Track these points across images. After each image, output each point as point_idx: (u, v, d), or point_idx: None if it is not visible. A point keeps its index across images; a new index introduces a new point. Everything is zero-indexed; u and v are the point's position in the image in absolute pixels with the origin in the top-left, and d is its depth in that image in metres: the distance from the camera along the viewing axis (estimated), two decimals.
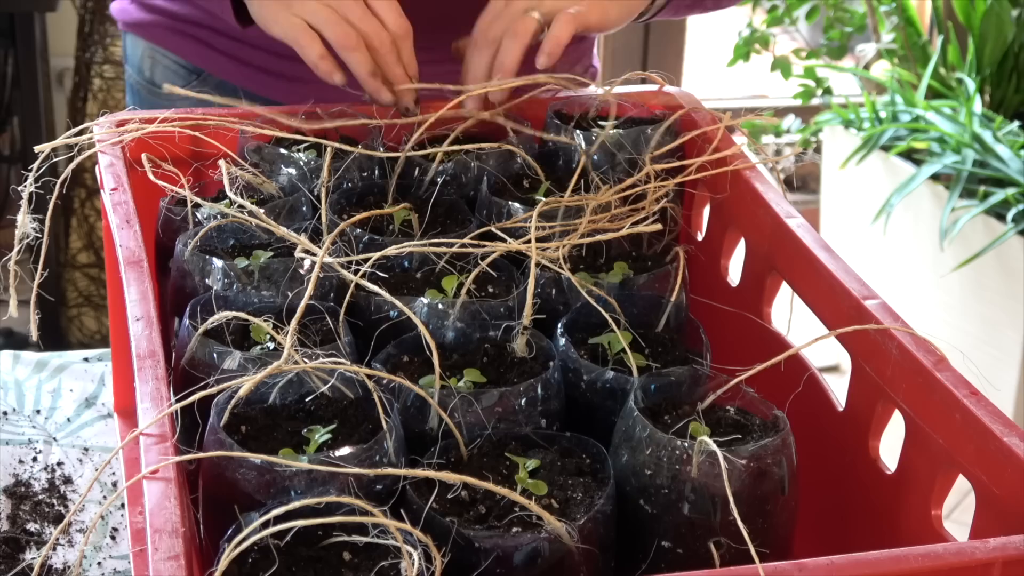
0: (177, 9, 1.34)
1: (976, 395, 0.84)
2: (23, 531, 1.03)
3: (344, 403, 0.86)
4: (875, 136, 2.84)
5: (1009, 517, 0.79)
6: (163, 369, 0.85)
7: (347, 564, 0.75)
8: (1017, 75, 2.94)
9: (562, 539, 0.77)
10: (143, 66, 1.39)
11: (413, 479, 0.79)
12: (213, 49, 1.33)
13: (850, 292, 0.94)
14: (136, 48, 1.40)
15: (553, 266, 0.97)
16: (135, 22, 1.38)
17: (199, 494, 0.83)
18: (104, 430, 1.17)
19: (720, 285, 1.14)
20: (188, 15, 1.33)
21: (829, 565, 0.72)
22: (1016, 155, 2.65)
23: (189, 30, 1.34)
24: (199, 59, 1.34)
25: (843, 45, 3.22)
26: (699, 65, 3.76)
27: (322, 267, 0.94)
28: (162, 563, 0.69)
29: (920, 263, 2.81)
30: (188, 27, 1.34)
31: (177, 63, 1.36)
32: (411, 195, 1.10)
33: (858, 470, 0.93)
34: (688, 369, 0.91)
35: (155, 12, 1.36)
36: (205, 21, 1.32)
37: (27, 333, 1.30)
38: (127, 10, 1.39)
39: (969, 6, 2.93)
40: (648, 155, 1.09)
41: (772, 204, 1.06)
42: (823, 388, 0.98)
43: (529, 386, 0.88)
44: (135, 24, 1.38)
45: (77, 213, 2.80)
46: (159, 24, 1.36)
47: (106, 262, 1.12)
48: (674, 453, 0.82)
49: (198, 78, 1.35)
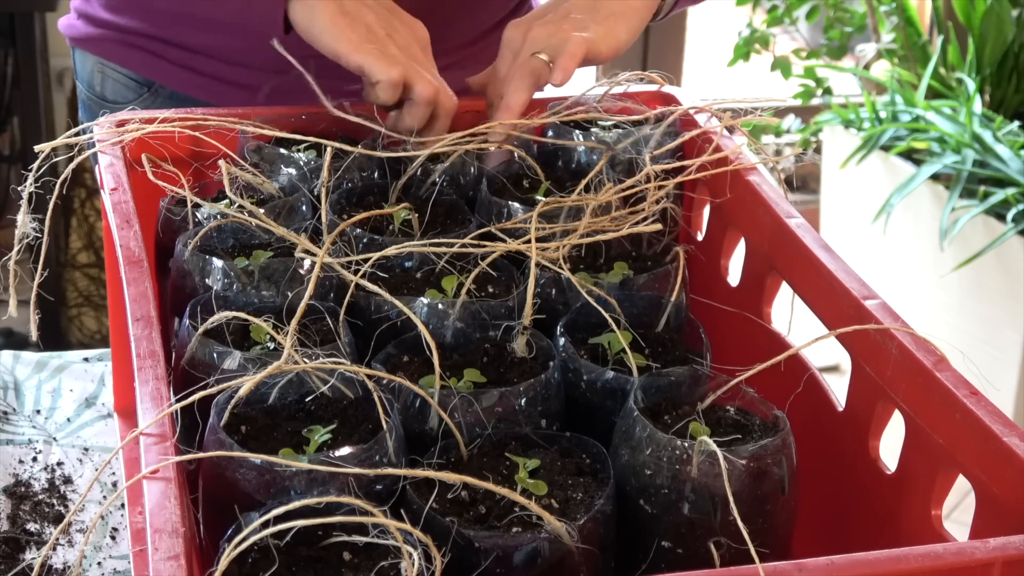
0: (126, 23, 1.32)
1: (976, 395, 0.84)
2: (23, 531, 1.03)
3: (344, 403, 0.86)
4: (875, 136, 2.84)
5: (1009, 517, 0.79)
6: (163, 369, 0.85)
7: (347, 564, 0.75)
8: (1017, 75, 2.94)
9: (562, 539, 0.77)
10: (93, 81, 1.37)
11: (413, 479, 0.79)
12: (165, 60, 1.31)
13: (850, 292, 0.94)
14: (85, 64, 1.38)
15: (553, 266, 0.97)
16: (83, 37, 1.36)
17: (199, 494, 0.83)
18: (104, 430, 1.17)
19: (720, 285, 1.14)
20: (137, 28, 1.31)
21: (829, 565, 0.72)
22: (1016, 155, 2.65)
23: (139, 42, 1.32)
24: (150, 71, 1.33)
25: (843, 45, 3.22)
26: (699, 65, 3.76)
27: (322, 267, 0.94)
28: (162, 563, 0.69)
29: (920, 263, 2.81)
30: (138, 39, 1.32)
31: (127, 76, 1.34)
32: (411, 195, 1.11)
33: (858, 470, 0.93)
34: (688, 369, 0.91)
35: (103, 26, 1.33)
36: (155, 33, 1.30)
37: (27, 333, 1.30)
38: (75, 26, 1.37)
39: (969, 6, 2.93)
40: (648, 155, 1.09)
41: (772, 204, 1.06)
42: (823, 388, 0.98)
43: (529, 386, 0.88)
44: (83, 39, 1.36)
45: (77, 213, 2.80)
46: (107, 38, 1.34)
47: (106, 262, 1.12)
48: (674, 453, 0.82)
49: (149, 90, 1.34)
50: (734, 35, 3.21)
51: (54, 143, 1.06)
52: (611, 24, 1.16)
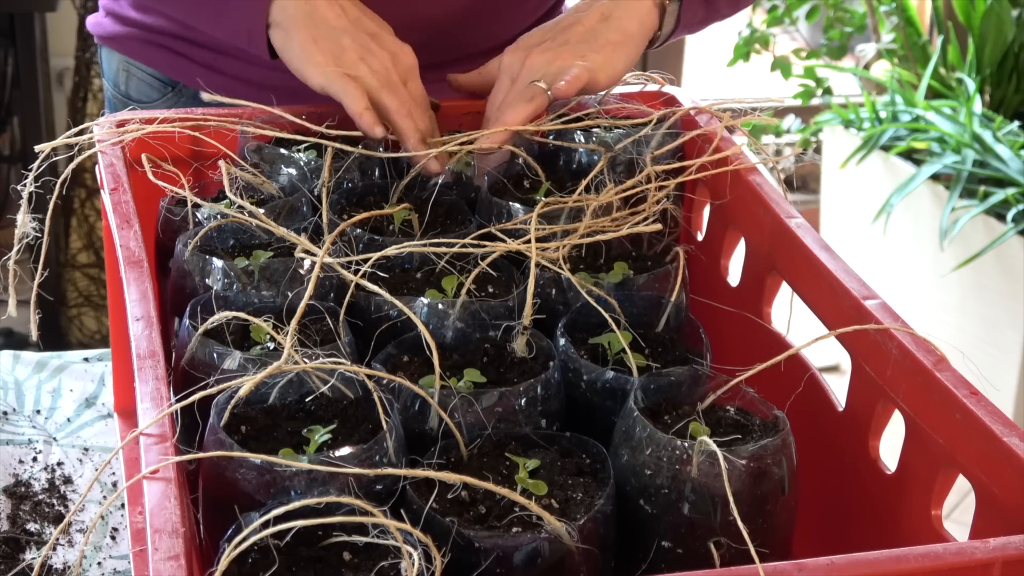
0: (151, 22, 1.33)
1: (976, 395, 0.84)
2: (23, 531, 1.04)
3: (344, 403, 0.86)
4: (875, 136, 2.84)
5: (1009, 517, 0.79)
6: (163, 369, 0.85)
7: (347, 564, 0.75)
8: (1017, 75, 2.94)
9: (562, 539, 0.77)
10: (118, 80, 1.38)
11: (413, 479, 0.79)
12: (188, 60, 1.32)
13: (850, 292, 0.94)
14: (111, 62, 1.39)
15: (553, 266, 0.97)
16: (110, 35, 1.37)
17: (199, 494, 0.83)
18: (104, 430, 1.17)
19: (720, 285, 1.14)
20: (162, 27, 1.32)
21: (829, 565, 0.72)
22: (1016, 155, 2.65)
23: (164, 42, 1.33)
24: (174, 71, 1.34)
25: (843, 45, 3.22)
26: (699, 65, 3.76)
27: (322, 267, 0.94)
28: (162, 563, 0.69)
29: (920, 263, 2.81)
30: (163, 39, 1.33)
31: (152, 76, 1.35)
32: (411, 195, 1.11)
33: (858, 470, 0.93)
34: (688, 369, 0.91)
35: (129, 25, 1.35)
36: (179, 33, 1.31)
37: (27, 333, 1.30)
38: (102, 24, 1.38)
39: (969, 6, 2.93)
40: (649, 155, 1.09)
41: (772, 204, 1.06)
42: (823, 388, 0.98)
43: (529, 386, 0.88)
44: (110, 37, 1.37)
45: (77, 213, 2.81)
46: (133, 37, 1.35)
47: (106, 262, 1.12)
48: (674, 453, 0.82)
49: (173, 90, 1.35)
50: (734, 35, 3.21)
51: (54, 143, 1.06)
52: (609, 53, 1.16)
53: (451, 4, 1.27)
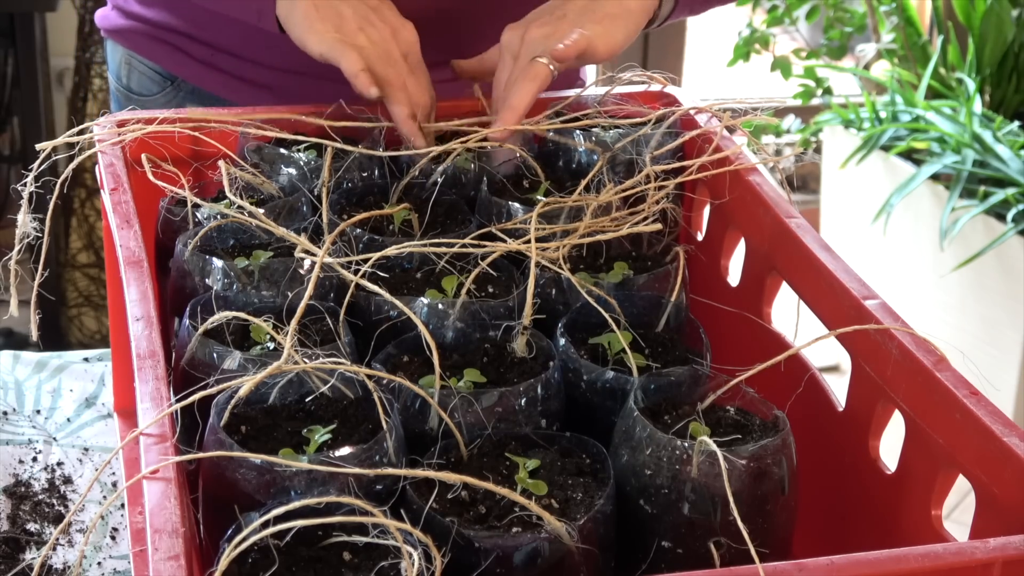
0: (154, 16, 1.33)
1: (976, 395, 0.84)
2: (23, 531, 1.04)
3: (344, 403, 0.86)
4: (875, 136, 2.84)
5: (1009, 517, 0.79)
6: (163, 369, 0.85)
7: (347, 564, 0.75)
8: (1017, 75, 2.93)
9: (562, 539, 0.77)
10: (121, 73, 1.39)
11: (413, 479, 0.79)
12: (188, 56, 1.33)
13: (850, 292, 0.94)
14: (116, 55, 1.40)
15: (553, 266, 0.97)
16: (114, 28, 1.38)
17: (199, 494, 0.83)
18: (104, 430, 1.17)
19: (720, 285, 1.14)
20: (164, 22, 1.33)
21: (829, 565, 0.72)
22: (1016, 155, 2.65)
23: (165, 36, 1.34)
24: (174, 66, 1.35)
25: (843, 45, 3.21)
26: (699, 65, 3.76)
27: (322, 267, 0.94)
28: (162, 563, 0.69)
29: (920, 263, 2.80)
30: (164, 33, 1.34)
31: (152, 70, 1.36)
32: (411, 195, 1.10)
33: (858, 470, 0.93)
34: (688, 369, 0.91)
35: (133, 18, 1.35)
36: (180, 27, 1.32)
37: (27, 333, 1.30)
38: (108, 17, 1.39)
39: (969, 6, 2.93)
40: (648, 155, 1.09)
41: (772, 204, 1.06)
42: (823, 388, 0.98)
43: (529, 386, 0.88)
44: (114, 31, 1.38)
45: (77, 213, 2.81)
46: (136, 31, 1.36)
47: (106, 262, 1.12)
48: (674, 453, 0.82)
49: (172, 84, 1.35)
50: (734, 35, 3.21)
51: (54, 142, 1.06)
52: (608, 25, 1.17)
53: (447, 3, 1.27)
